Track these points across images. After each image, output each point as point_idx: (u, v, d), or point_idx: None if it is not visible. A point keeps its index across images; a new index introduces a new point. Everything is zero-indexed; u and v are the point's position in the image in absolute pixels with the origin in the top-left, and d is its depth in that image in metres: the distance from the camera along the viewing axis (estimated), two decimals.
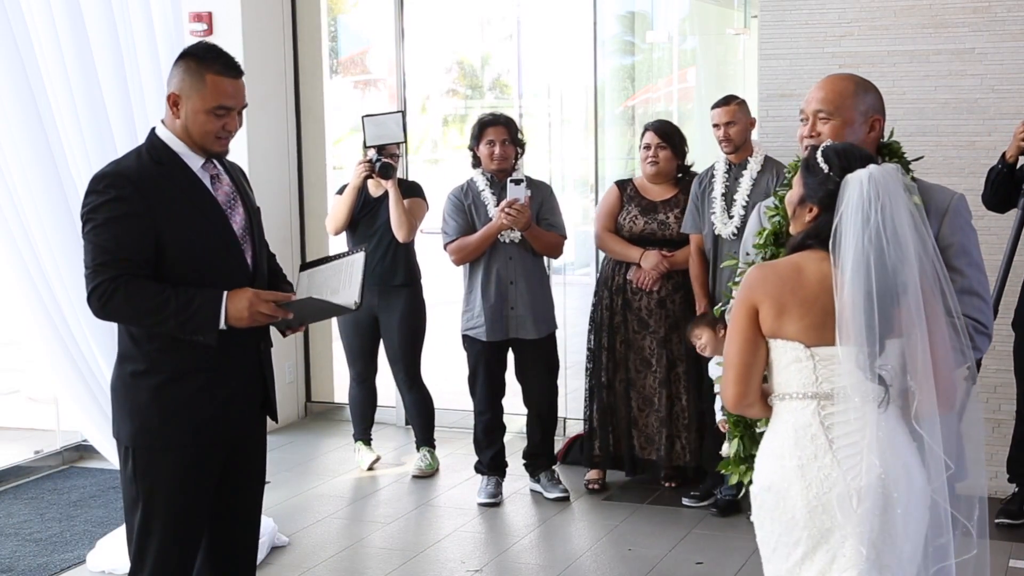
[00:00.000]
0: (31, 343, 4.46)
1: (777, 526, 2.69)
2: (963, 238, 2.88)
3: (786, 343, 2.64)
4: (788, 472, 2.63)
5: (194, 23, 6.42)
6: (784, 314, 2.63)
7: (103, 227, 3.05)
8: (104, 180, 3.10)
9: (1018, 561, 4.68)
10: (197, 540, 3.27)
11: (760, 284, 2.68)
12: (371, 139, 5.51)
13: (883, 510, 2.56)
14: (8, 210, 4.18)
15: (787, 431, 2.65)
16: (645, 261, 5.42)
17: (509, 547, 5.01)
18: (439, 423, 6.17)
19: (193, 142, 3.15)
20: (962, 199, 2.93)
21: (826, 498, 2.58)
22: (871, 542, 2.57)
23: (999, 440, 5.11)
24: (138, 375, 3.16)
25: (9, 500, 5.66)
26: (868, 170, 2.60)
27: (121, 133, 4.28)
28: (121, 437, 3.21)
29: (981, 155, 5.32)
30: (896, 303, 2.55)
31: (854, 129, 2.90)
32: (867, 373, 2.56)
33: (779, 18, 5.64)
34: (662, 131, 5.51)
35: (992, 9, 5.29)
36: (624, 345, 5.52)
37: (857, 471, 2.57)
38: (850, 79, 2.99)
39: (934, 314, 2.57)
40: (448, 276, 6.01)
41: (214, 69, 3.11)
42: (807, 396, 2.63)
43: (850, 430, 2.59)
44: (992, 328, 2.89)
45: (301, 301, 3.24)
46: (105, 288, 3.04)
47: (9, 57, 4.01)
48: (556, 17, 7.33)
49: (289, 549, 4.96)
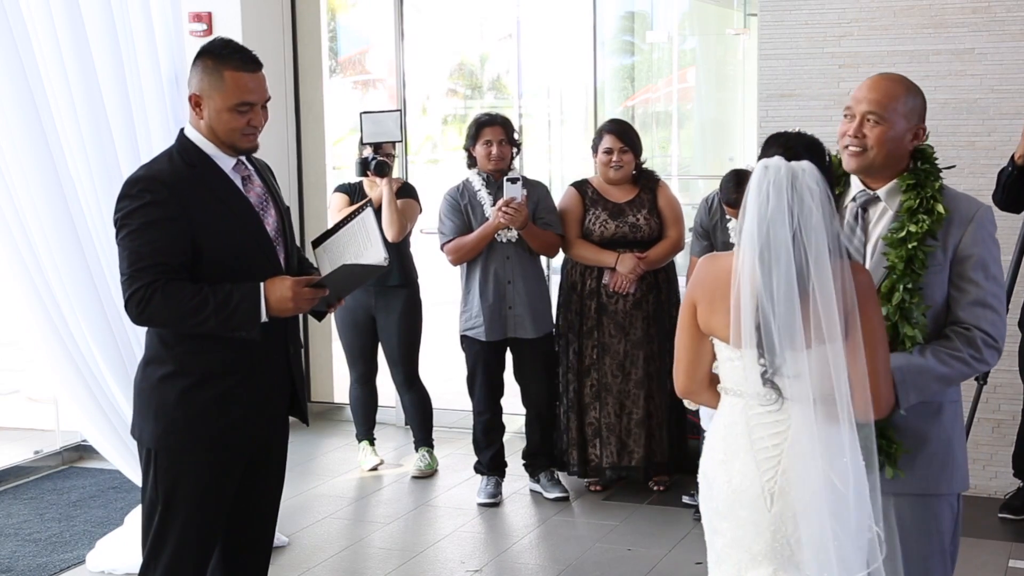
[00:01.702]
0: (31, 343, 4.45)
1: (708, 512, 2.77)
2: (983, 251, 2.83)
3: (719, 341, 2.68)
4: (715, 464, 2.70)
5: (194, 23, 6.43)
6: (715, 314, 2.65)
7: (139, 232, 3.01)
8: (138, 184, 3.06)
9: (1018, 561, 4.67)
10: (213, 542, 3.25)
11: (700, 282, 2.72)
12: (368, 136, 5.46)
13: (796, 511, 2.56)
14: (8, 210, 4.18)
15: (721, 424, 2.71)
16: (622, 265, 5.36)
17: (509, 547, 5.01)
18: (439, 423, 6.17)
19: (220, 141, 3.13)
20: (988, 211, 2.87)
21: (744, 496, 2.62)
22: (785, 541, 2.59)
23: (999, 440, 5.11)
24: (167, 377, 3.12)
25: (9, 500, 5.66)
26: (766, 160, 2.57)
27: (120, 133, 4.28)
28: (144, 438, 3.18)
29: (981, 155, 5.32)
30: (787, 307, 2.50)
31: (899, 135, 2.84)
32: (757, 375, 2.57)
33: (779, 18, 5.64)
34: (623, 134, 5.43)
35: (992, 9, 5.29)
36: (597, 350, 5.46)
37: (774, 472, 2.59)
38: (901, 82, 2.89)
39: (848, 320, 2.51)
40: (446, 276, 6.00)
41: (232, 65, 3.09)
42: (737, 394, 2.66)
43: (772, 432, 2.60)
44: (1003, 343, 2.84)
45: (334, 273, 3.19)
46: (143, 294, 3.00)
47: (8, 56, 4.00)
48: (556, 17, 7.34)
49: (289, 549, 4.96)
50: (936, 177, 2.86)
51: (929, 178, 2.85)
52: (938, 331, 2.82)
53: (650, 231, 5.42)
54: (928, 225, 2.78)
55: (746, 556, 2.64)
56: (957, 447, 2.89)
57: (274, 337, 3.19)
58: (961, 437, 2.92)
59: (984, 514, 5.04)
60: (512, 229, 5.31)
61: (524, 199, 5.25)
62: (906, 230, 2.80)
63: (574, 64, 7.19)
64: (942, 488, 2.85)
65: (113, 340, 4.32)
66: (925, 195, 2.82)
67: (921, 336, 2.77)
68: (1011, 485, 5.18)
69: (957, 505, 2.91)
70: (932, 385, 2.77)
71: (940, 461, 2.85)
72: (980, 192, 5.15)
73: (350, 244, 3.31)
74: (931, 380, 2.76)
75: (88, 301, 4.25)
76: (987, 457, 5.22)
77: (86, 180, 4.20)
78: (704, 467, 2.76)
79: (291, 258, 3.29)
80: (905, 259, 2.78)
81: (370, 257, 3.24)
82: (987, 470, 5.14)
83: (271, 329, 3.14)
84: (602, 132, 5.49)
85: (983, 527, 4.99)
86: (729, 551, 2.69)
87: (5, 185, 4.16)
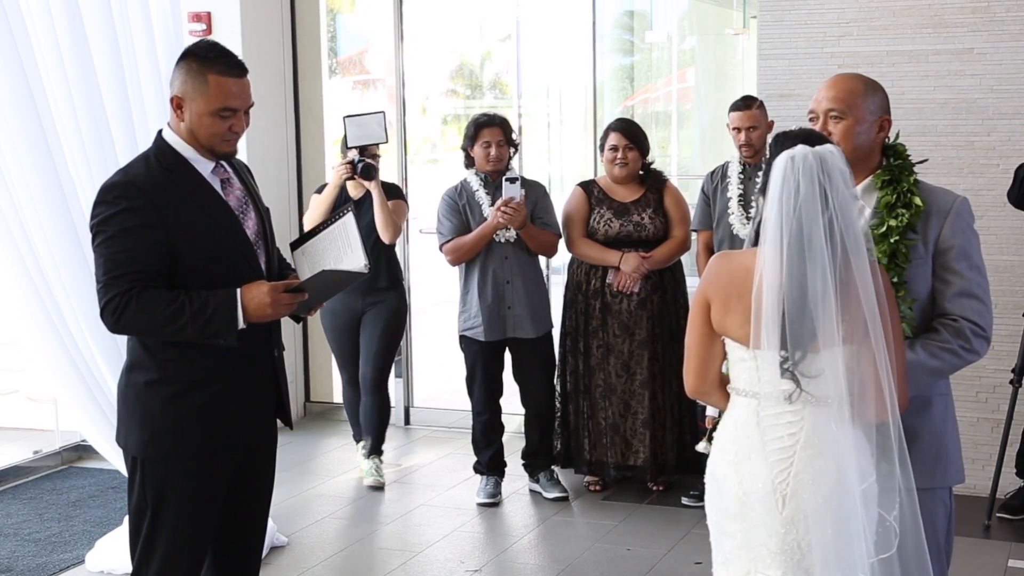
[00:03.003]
0: (30, 343, 4.45)
1: (715, 513, 2.74)
2: (964, 241, 2.86)
3: (732, 341, 2.66)
4: (725, 465, 2.67)
5: (193, 23, 6.43)
6: (729, 314, 2.63)
7: (115, 239, 2.96)
8: (114, 190, 3.00)
9: (1018, 561, 4.68)
10: (204, 549, 3.21)
11: (713, 281, 2.68)
12: (352, 140, 5.34)
13: (807, 514, 2.55)
14: (8, 211, 4.18)
15: (731, 425, 2.68)
16: (625, 264, 5.37)
17: (508, 547, 5.01)
18: (439, 423, 6.18)
19: (200, 144, 3.07)
20: (965, 202, 2.91)
21: (754, 497, 2.60)
22: (795, 544, 2.57)
23: (999, 440, 5.10)
24: (151, 384, 3.08)
25: (8, 500, 5.66)
26: (791, 151, 2.52)
27: (120, 133, 4.28)
28: (129, 446, 3.14)
29: (980, 155, 5.32)
30: (816, 304, 2.47)
31: (864, 129, 2.88)
32: (775, 375, 2.55)
33: (778, 18, 5.64)
34: (629, 132, 5.45)
35: (991, 9, 5.29)
36: (602, 350, 5.48)
37: (786, 475, 2.57)
38: (859, 78, 2.96)
39: (864, 318, 2.49)
40: (444, 277, 6.00)
41: (216, 69, 3.02)
42: (749, 394, 2.63)
43: (784, 433, 2.58)
44: (991, 331, 2.87)
45: (314, 278, 3.14)
46: (118, 302, 2.95)
47: (8, 57, 4.00)
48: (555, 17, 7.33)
49: (288, 549, 4.96)
50: (910, 172, 2.89)
51: (903, 173, 2.89)
52: (925, 324, 2.84)
53: (655, 230, 5.42)
54: (907, 219, 2.81)
55: (756, 558, 2.62)
56: (949, 440, 2.90)
57: (259, 341, 3.15)
58: (953, 430, 2.93)
59: (984, 514, 5.04)
60: (511, 229, 5.31)
61: (522, 199, 5.25)
62: (886, 225, 2.82)
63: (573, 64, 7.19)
64: (936, 482, 2.86)
65: (113, 340, 4.31)
66: (901, 189, 2.85)
67: (909, 330, 2.78)
68: (1011, 485, 5.18)
69: (950, 502, 2.92)
70: (925, 379, 2.79)
71: (932, 455, 2.85)
72: (979, 192, 5.18)
73: (330, 248, 3.25)
74: (924, 374, 2.78)
75: (88, 301, 4.24)
76: (987, 457, 5.22)
77: (86, 180, 4.20)
78: (713, 468, 2.73)
79: (272, 261, 3.24)
80: (888, 253, 2.80)
81: (350, 263, 3.19)
82: (987, 470, 5.13)
83: (256, 333, 3.10)
84: (608, 130, 5.51)
85: (982, 527, 4.99)
86: (739, 553, 2.66)
87: (5, 185, 4.16)
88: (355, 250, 3.20)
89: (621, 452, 5.50)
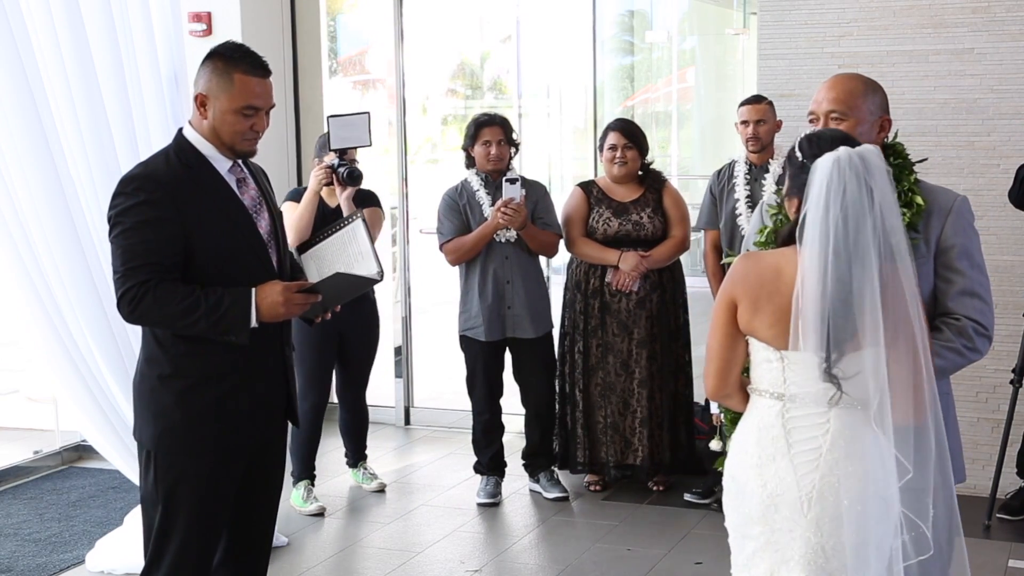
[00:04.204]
0: (30, 343, 4.45)
1: (736, 516, 2.72)
2: (965, 240, 2.87)
3: (758, 342, 2.64)
4: (748, 468, 2.64)
5: (193, 23, 6.42)
6: (758, 315, 2.61)
7: (132, 231, 3.01)
8: (133, 183, 3.06)
9: (1018, 561, 4.68)
10: (216, 543, 3.24)
11: (741, 280, 2.65)
12: (336, 142, 4.96)
13: (833, 517, 2.54)
14: (8, 211, 4.18)
15: (753, 427, 2.65)
16: (624, 263, 5.37)
17: (508, 547, 5.01)
18: (438, 423, 6.16)
19: (221, 143, 3.13)
20: (965, 201, 2.92)
21: (779, 500, 2.58)
22: (820, 547, 2.56)
23: (999, 440, 5.10)
24: (164, 378, 3.12)
25: (8, 500, 5.66)
26: (836, 153, 2.50)
27: (120, 133, 4.28)
28: (143, 440, 3.18)
29: (980, 155, 5.32)
30: (862, 305, 2.46)
31: (865, 129, 2.88)
32: (823, 378, 2.53)
33: (778, 18, 5.64)
34: (628, 131, 5.45)
35: (991, 9, 5.29)
36: (601, 349, 5.47)
37: (812, 477, 2.55)
38: (859, 78, 2.96)
39: (902, 319, 2.49)
40: (444, 277, 6.00)
41: (242, 68, 3.09)
42: (774, 396, 2.61)
43: (810, 435, 2.57)
44: (993, 330, 2.87)
45: (327, 280, 3.18)
46: (135, 292, 3.00)
47: (8, 57, 4.00)
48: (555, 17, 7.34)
49: (288, 549, 4.96)
50: (911, 171, 2.89)
51: (904, 172, 2.89)
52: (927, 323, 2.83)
53: (654, 230, 5.42)
54: (909, 218, 2.81)
55: (779, 561, 2.60)
56: (950, 439, 2.89)
57: (270, 339, 3.19)
58: (954, 429, 2.94)
59: (984, 514, 5.04)
60: (511, 229, 5.31)
61: (523, 199, 5.25)
62: None
63: (574, 64, 7.19)
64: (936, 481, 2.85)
65: (113, 340, 4.31)
66: (902, 188, 2.85)
67: None
68: (1012, 485, 5.18)
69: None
70: None
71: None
72: (979, 192, 5.18)
73: (340, 253, 3.28)
74: None
75: (88, 301, 4.25)
76: (987, 457, 5.22)
77: (86, 180, 4.20)
78: (734, 471, 2.70)
79: (283, 261, 3.29)
80: None
81: (362, 269, 3.22)
82: (987, 470, 5.13)
83: (268, 331, 3.14)
84: (607, 130, 5.52)
85: (983, 527, 4.99)
86: (762, 555, 2.64)
87: (5, 185, 4.16)
88: (366, 257, 3.23)
89: (620, 451, 5.50)
